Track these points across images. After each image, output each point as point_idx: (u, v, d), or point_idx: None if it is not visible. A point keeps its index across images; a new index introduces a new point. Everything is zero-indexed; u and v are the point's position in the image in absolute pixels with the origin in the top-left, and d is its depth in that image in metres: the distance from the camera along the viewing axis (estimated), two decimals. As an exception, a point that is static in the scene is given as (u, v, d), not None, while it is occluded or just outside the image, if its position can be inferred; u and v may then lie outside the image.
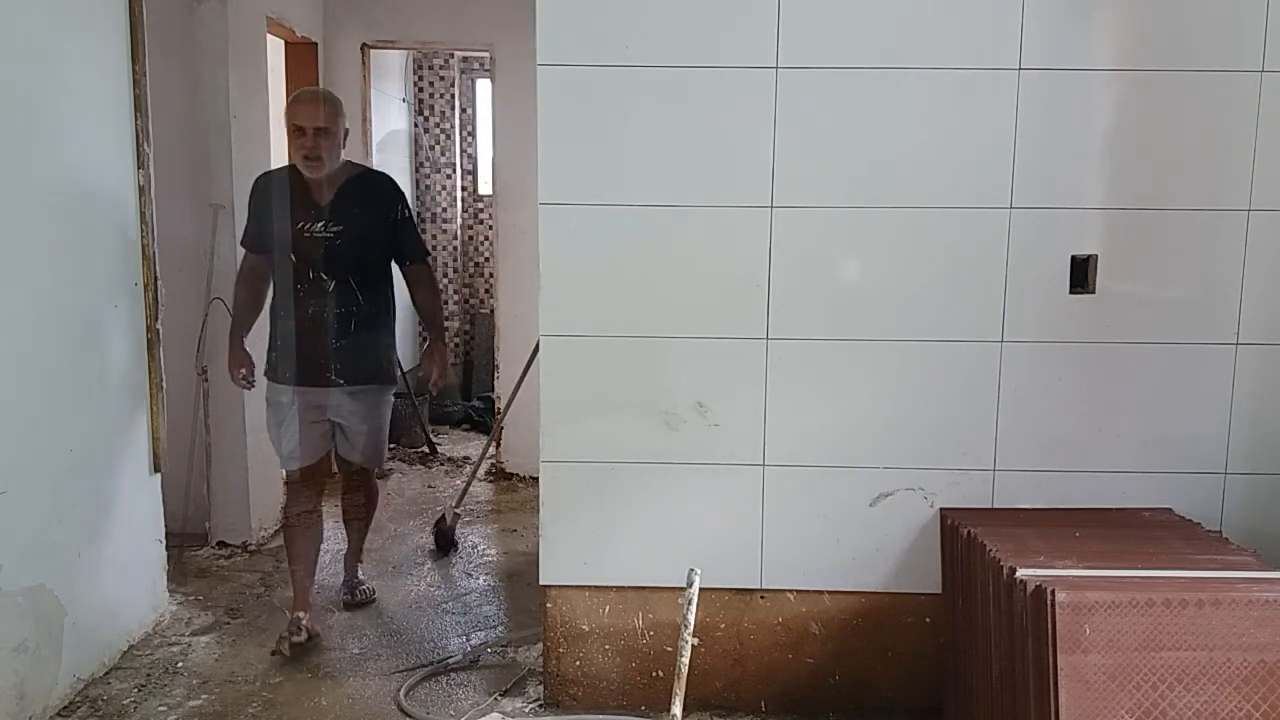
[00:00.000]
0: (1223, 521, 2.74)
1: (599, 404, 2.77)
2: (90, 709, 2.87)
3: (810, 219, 2.69)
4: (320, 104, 3.22)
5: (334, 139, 3.22)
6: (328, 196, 3.25)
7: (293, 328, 3.28)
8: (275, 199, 3.25)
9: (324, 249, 3.23)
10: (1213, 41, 2.63)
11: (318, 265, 3.24)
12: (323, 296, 3.26)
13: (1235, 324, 2.71)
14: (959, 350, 2.72)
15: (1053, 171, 2.67)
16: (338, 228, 3.23)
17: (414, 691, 3.02)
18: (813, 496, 2.77)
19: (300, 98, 3.28)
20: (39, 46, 2.76)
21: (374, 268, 3.35)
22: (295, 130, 3.18)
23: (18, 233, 2.66)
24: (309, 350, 3.27)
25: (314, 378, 3.30)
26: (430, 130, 7.11)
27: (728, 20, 2.63)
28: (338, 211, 3.24)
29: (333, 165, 3.24)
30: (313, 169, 3.20)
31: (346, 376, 3.32)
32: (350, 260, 3.26)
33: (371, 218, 3.30)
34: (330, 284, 3.25)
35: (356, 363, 3.32)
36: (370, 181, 3.40)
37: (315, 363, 3.28)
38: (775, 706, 2.86)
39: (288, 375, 3.32)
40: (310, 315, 3.26)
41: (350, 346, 3.30)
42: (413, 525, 4.61)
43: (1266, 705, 2.00)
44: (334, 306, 3.26)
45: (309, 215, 3.23)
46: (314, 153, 3.17)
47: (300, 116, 3.19)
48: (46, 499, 2.79)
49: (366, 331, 3.34)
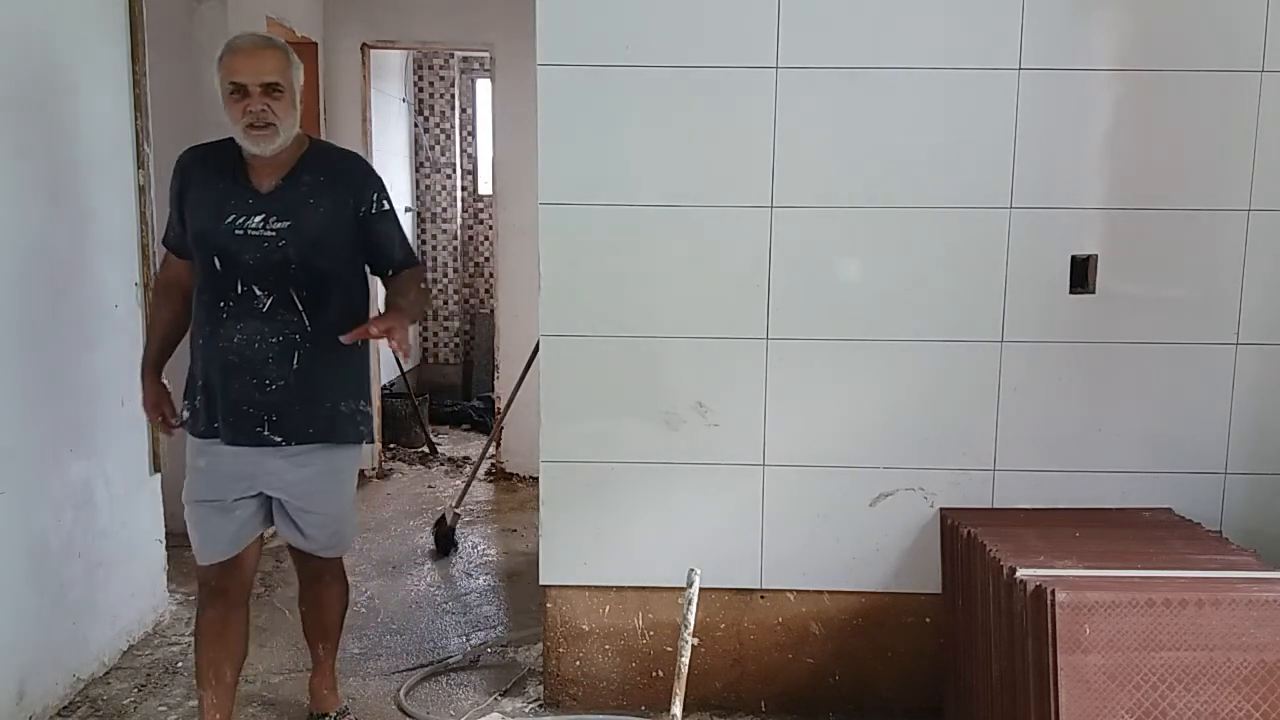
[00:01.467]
0: (1223, 521, 2.74)
1: (599, 404, 2.77)
2: (90, 709, 2.87)
3: (810, 219, 2.69)
4: (266, 52, 2.35)
5: (288, 100, 2.35)
6: (272, 181, 2.39)
7: (215, 360, 2.40)
8: (204, 183, 2.42)
9: (259, 253, 2.35)
10: (1213, 41, 2.62)
11: (249, 275, 2.36)
12: (255, 318, 2.38)
13: (1235, 324, 2.71)
14: (959, 350, 2.72)
15: (1053, 171, 2.67)
16: (281, 224, 2.36)
17: (414, 691, 3.02)
18: (813, 496, 2.77)
19: (238, 46, 2.36)
20: (39, 46, 2.76)
21: (329, 281, 2.43)
22: (234, 91, 2.32)
23: (18, 233, 2.66)
24: (234, 394, 2.39)
25: (240, 433, 2.40)
26: (430, 130, 7.11)
27: (727, 20, 2.63)
28: (284, 202, 2.38)
29: (286, 138, 2.36)
30: (261, 142, 2.33)
31: (284, 432, 2.41)
32: (295, 269, 2.37)
33: (331, 212, 2.41)
34: (265, 301, 2.37)
35: (302, 413, 2.42)
36: (333, 162, 2.50)
37: (241, 411, 2.39)
38: (775, 706, 2.86)
39: (205, 427, 2.44)
40: (237, 345, 2.38)
41: (291, 390, 2.40)
42: (413, 525, 4.61)
43: (1266, 705, 2.00)
44: (269, 333, 2.38)
45: (244, 207, 2.37)
46: (262, 119, 2.31)
47: (240, 70, 2.32)
48: (46, 499, 2.79)
49: (317, 368, 2.42)
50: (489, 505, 4.99)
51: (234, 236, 2.36)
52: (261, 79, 2.31)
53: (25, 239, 2.70)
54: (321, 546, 2.59)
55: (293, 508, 2.49)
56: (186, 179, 2.45)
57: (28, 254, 2.71)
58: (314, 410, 2.44)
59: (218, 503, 2.44)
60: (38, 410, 2.75)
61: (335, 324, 2.39)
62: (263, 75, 2.32)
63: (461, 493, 4.48)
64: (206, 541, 2.47)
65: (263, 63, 2.33)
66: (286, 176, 2.41)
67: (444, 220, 7.16)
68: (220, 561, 2.48)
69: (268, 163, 2.39)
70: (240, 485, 2.44)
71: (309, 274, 2.39)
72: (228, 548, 2.48)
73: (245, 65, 2.33)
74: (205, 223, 2.38)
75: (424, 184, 7.11)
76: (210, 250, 2.38)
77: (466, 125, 7.30)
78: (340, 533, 2.61)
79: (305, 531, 2.53)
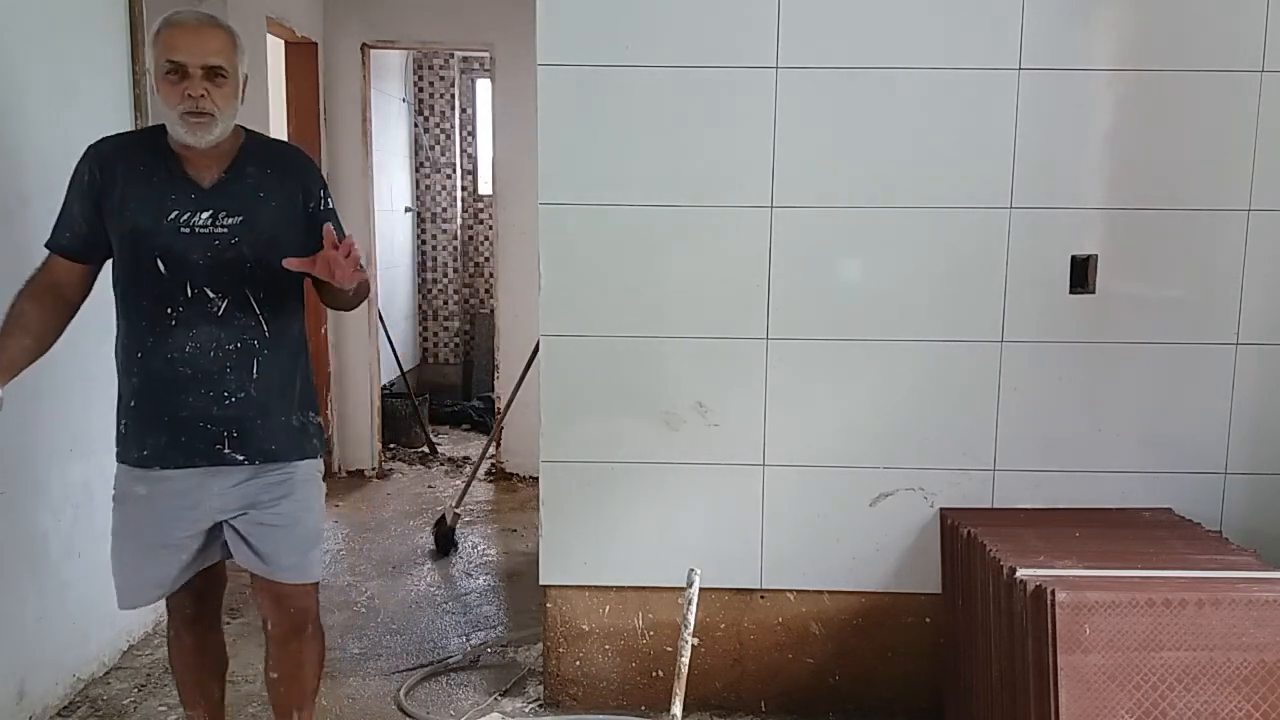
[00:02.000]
0: (1223, 521, 2.74)
1: (599, 404, 2.77)
2: (90, 709, 2.87)
3: (810, 219, 2.69)
4: (211, 31, 2.10)
5: (231, 86, 2.11)
6: (213, 174, 2.15)
7: (160, 375, 2.14)
8: (134, 177, 2.13)
9: (209, 252, 2.12)
10: (1213, 41, 2.63)
11: (200, 277, 2.12)
12: (209, 323, 2.14)
13: (1235, 324, 2.71)
14: (959, 350, 2.72)
15: (1053, 171, 2.67)
16: (233, 220, 2.13)
17: (414, 691, 3.02)
18: (813, 496, 2.77)
19: (179, 20, 2.08)
20: (39, 46, 2.76)
21: (285, 281, 2.18)
22: (171, 70, 2.05)
23: (17, 232, 2.66)
24: (188, 410, 2.13)
25: (196, 454, 2.15)
26: (430, 130, 7.11)
27: (728, 20, 2.63)
28: (232, 196, 2.15)
29: (225, 129, 2.12)
30: (197, 131, 2.07)
31: (247, 450, 2.17)
32: (251, 268, 2.15)
33: (282, 206, 2.20)
34: (219, 305, 2.14)
35: (263, 428, 2.18)
36: (276, 154, 2.27)
37: (196, 429, 2.14)
38: (775, 706, 2.86)
39: (148, 452, 2.16)
40: (189, 354, 2.13)
41: (252, 402, 2.16)
42: (413, 525, 4.61)
43: (1266, 705, 2.00)
44: (225, 339, 2.14)
45: (187, 202, 2.12)
46: (202, 105, 2.06)
47: (180, 48, 2.05)
48: (46, 499, 2.79)
49: (274, 378, 2.20)
50: (489, 505, 4.99)
51: (179, 235, 2.11)
52: (204, 60, 2.06)
53: (25, 239, 2.70)
54: (288, 570, 2.25)
55: (255, 530, 2.21)
56: (109, 173, 2.14)
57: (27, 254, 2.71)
58: (272, 423, 2.20)
59: (160, 540, 2.18)
60: (38, 410, 2.75)
61: (290, 329, 2.23)
62: (206, 56, 2.06)
63: (461, 493, 4.48)
64: (136, 583, 2.23)
65: (207, 42, 2.07)
66: (229, 169, 2.17)
67: (444, 220, 7.16)
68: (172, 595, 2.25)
69: (205, 154, 2.14)
70: (189, 516, 2.17)
71: (266, 273, 2.16)
72: (162, 589, 2.23)
73: (186, 43, 2.06)
74: (142, 220, 2.11)
75: (424, 184, 7.11)
76: (151, 251, 2.11)
77: (466, 125, 7.30)
78: (309, 554, 2.28)
79: (268, 555, 2.22)
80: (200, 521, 2.19)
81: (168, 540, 2.18)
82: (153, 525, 2.18)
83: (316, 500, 2.32)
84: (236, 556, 2.25)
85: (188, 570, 2.23)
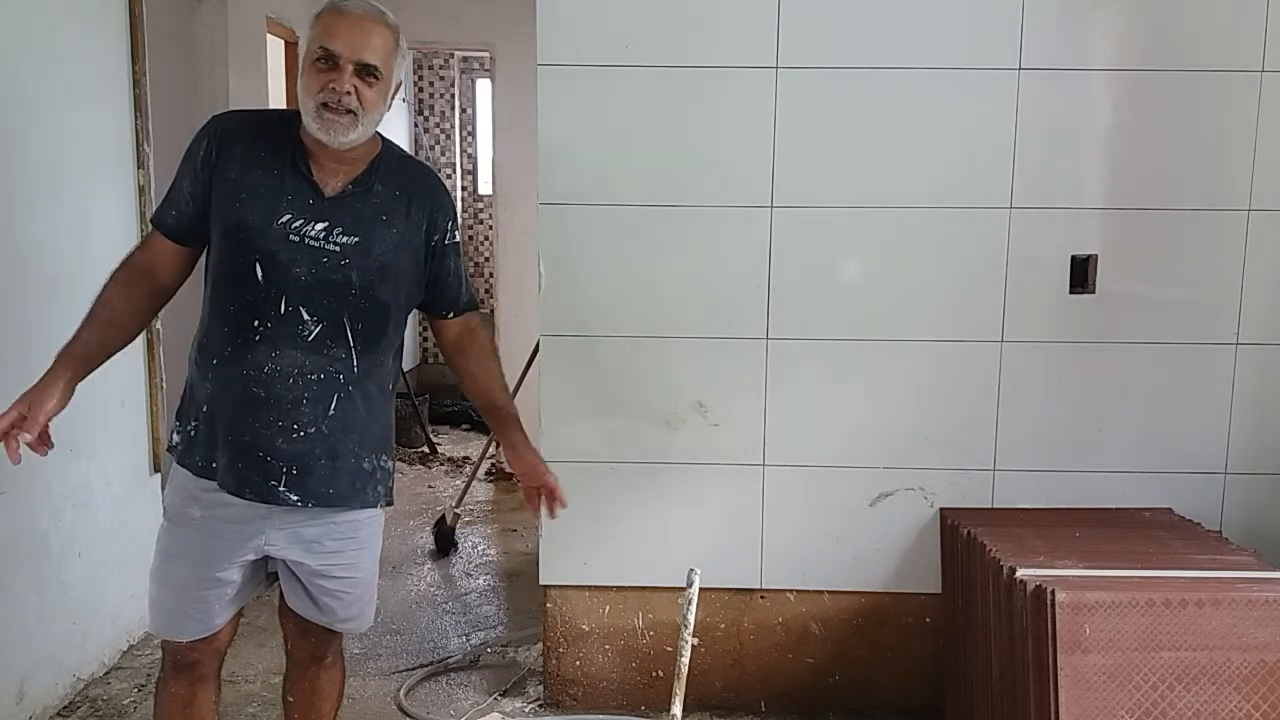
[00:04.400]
0: (1223, 521, 2.74)
1: (599, 404, 2.77)
2: (90, 709, 2.87)
3: (810, 219, 2.69)
4: (376, 26, 1.88)
5: (382, 89, 1.89)
6: (340, 183, 1.93)
7: (231, 388, 1.92)
8: (254, 163, 1.92)
9: (315, 269, 1.89)
10: (1213, 41, 2.63)
11: (297, 294, 1.90)
12: (295, 347, 1.91)
13: (1235, 324, 2.71)
14: (959, 350, 2.72)
15: (1053, 171, 2.67)
16: (348, 239, 1.91)
17: (414, 691, 3.02)
18: (813, 496, 2.77)
19: (343, 8, 1.88)
20: (39, 46, 2.76)
21: (387, 314, 1.99)
22: (321, 58, 1.85)
23: (17, 232, 2.66)
24: (250, 435, 1.91)
25: (246, 484, 1.92)
26: (430, 130, 7.11)
27: (727, 20, 2.63)
28: (353, 213, 1.92)
29: (364, 133, 1.90)
30: (334, 129, 1.86)
31: (304, 490, 1.94)
32: (355, 296, 1.93)
33: (404, 234, 1.97)
34: (313, 329, 1.91)
35: (326, 469, 1.95)
36: (410, 175, 2.03)
37: (253, 457, 1.91)
38: (775, 706, 2.86)
39: (203, 461, 1.95)
40: (267, 375, 1.90)
41: (320, 440, 1.94)
42: (413, 525, 4.61)
43: (1266, 705, 2.00)
44: (310, 368, 1.92)
45: (304, 208, 1.90)
46: (346, 102, 1.84)
47: (338, 36, 1.85)
48: (46, 498, 2.79)
49: (351, 418, 1.97)
50: (489, 505, 4.99)
51: (287, 242, 1.88)
52: (360, 55, 1.85)
53: (25, 239, 2.70)
54: (341, 620, 2.10)
55: (316, 582, 2.03)
56: (228, 151, 1.92)
57: (27, 254, 2.71)
58: (338, 466, 1.97)
59: (209, 572, 1.97)
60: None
61: (380, 366, 2.02)
62: (363, 52, 1.85)
63: (461, 493, 4.48)
64: (182, 616, 2.00)
65: (369, 36, 1.86)
66: (357, 181, 1.94)
67: (444, 220, 7.15)
68: (200, 639, 2.01)
69: (336, 158, 1.92)
70: (243, 547, 1.96)
71: (369, 303, 1.95)
72: (209, 624, 2.01)
73: (347, 32, 1.85)
74: (252, 216, 1.88)
75: (424, 184, 7.10)
76: (252, 252, 1.88)
77: (466, 125, 7.30)
78: (368, 609, 2.14)
79: (322, 604, 2.06)
80: (250, 554, 1.98)
81: (217, 571, 1.97)
82: (205, 552, 1.97)
83: (376, 550, 2.13)
84: (290, 600, 2.08)
85: (231, 605, 2.04)
